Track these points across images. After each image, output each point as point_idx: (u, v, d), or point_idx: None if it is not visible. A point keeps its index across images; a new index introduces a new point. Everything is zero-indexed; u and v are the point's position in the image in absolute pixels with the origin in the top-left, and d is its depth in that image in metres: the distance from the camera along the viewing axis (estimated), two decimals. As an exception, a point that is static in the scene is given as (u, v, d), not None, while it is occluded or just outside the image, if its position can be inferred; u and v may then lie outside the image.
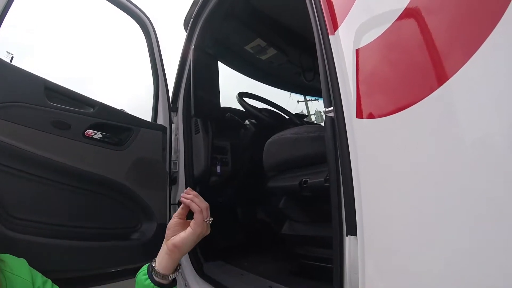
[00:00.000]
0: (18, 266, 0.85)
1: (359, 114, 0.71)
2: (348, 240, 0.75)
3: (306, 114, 11.04)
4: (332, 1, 0.87)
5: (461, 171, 0.52)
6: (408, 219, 0.62)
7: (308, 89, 3.15)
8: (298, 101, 14.72)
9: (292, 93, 3.90)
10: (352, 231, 0.73)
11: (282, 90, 3.06)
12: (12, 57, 1.29)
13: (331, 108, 0.81)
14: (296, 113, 2.57)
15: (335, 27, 0.83)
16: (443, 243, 0.54)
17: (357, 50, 0.73)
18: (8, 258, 0.85)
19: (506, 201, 0.47)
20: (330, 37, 0.84)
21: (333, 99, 0.80)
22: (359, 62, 0.73)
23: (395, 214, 0.64)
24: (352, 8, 0.78)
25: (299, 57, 2.52)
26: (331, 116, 0.83)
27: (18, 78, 1.21)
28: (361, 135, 0.71)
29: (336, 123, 0.78)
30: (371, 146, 0.70)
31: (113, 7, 1.75)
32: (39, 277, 0.88)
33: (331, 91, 0.81)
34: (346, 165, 0.74)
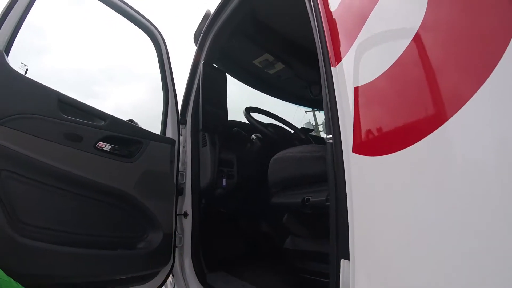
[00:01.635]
0: None
1: (355, 149, 0.74)
2: (342, 263, 0.79)
3: (313, 127, 10.97)
4: (337, 33, 0.90)
5: (447, 207, 0.56)
6: (397, 247, 0.66)
7: (315, 103, 3.18)
8: (305, 111, 14.60)
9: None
10: (345, 256, 0.77)
11: (290, 103, 3.10)
12: (27, 69, 1.33)
13: (330, 136, 0.85)
14: (302, 127, 2.59)
15: (338, 59, 0.85)
16: (429, 276, 0.58)
17: (356, 88, 0.76)
18: None
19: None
20: (332, 69, 0.86)
21: (332, 130, 0.83)
22: (358, 100, 0.76)
23: (385, 243, 0.68)
24: (354, 42, 0.81)
25: (306, 72, 2.56)
26: (331, 143, 0.86)
27: (33, 90, 1.26)
28: (356, 169, 0.75)
29: (334, 154, 0.81)
30: (364, 180, 0.74)
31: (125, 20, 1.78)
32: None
33: (331, 122, 0.84)
34: (341, 196, 0.77)
